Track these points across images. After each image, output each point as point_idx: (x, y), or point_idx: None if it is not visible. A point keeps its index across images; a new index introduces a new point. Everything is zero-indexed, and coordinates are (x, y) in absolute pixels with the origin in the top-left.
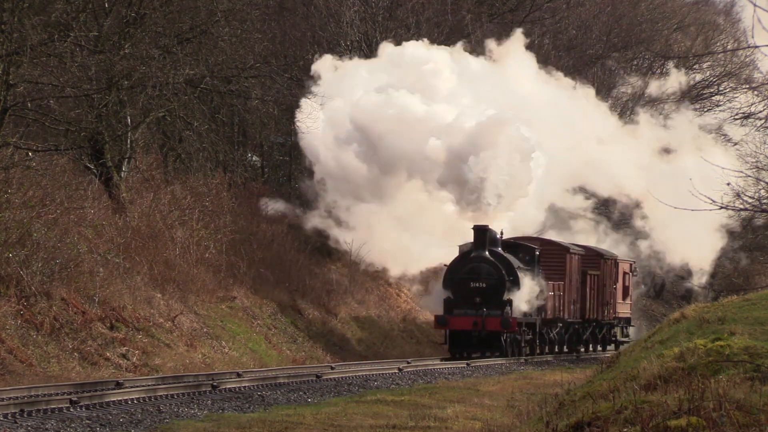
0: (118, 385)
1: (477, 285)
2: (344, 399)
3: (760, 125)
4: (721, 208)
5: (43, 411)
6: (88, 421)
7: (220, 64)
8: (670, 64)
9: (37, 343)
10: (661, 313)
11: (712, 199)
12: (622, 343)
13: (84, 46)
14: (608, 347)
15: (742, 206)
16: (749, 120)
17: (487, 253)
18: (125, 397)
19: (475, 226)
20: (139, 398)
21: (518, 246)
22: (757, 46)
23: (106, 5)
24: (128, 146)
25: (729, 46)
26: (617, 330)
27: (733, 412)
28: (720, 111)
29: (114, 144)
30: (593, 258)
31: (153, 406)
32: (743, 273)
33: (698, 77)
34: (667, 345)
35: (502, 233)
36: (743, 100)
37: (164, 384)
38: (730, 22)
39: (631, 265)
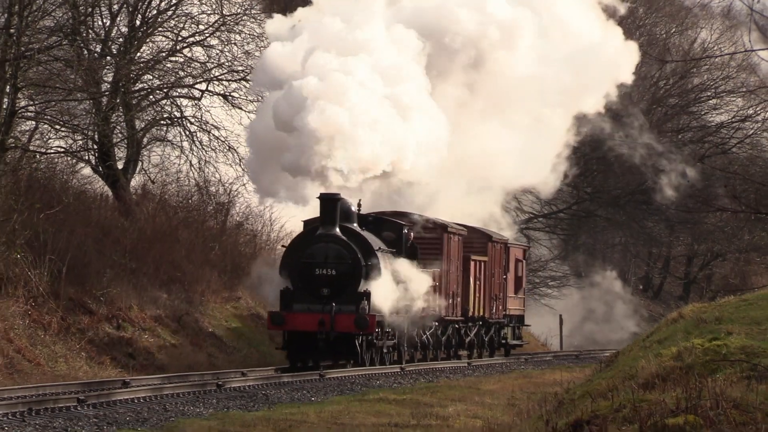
0: (125, 384)
1: (324, 272)
2: (347, 398)
3: (757, 128)
4: (718, 210)
5: (50, 410)
6: (95, 420)
7: None
8: (667, 68)
9: (45, 342)
10: (659, 313)
11: (709, 201)
12: (515, 347)
13: (91, 50)
14: (496, 352)
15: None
16: (746, 123)
17: (337, 230)
18: (132, 396)
19: (321, 194)
20: (145, 397)
21: (381, 222)
22: (753, 50)
23: (113, 9)
24: (135, 148)
25: (726, 50)
26: (508, 331)
27: (730, 410)
28: (717, 114)
29: (121, 146)
30: (479, 240)
31: (159, 404)
32: (740, 273)
33: (696, 80)
34: (665, 344)
35: (360, 205)
36: (740, 103)
37: (170, 383)
38: (727, 26)
39: (524, 251)
